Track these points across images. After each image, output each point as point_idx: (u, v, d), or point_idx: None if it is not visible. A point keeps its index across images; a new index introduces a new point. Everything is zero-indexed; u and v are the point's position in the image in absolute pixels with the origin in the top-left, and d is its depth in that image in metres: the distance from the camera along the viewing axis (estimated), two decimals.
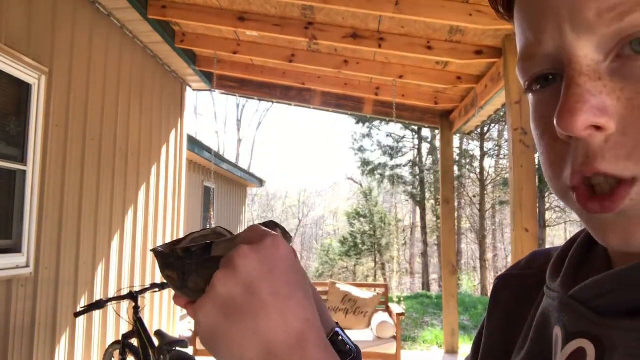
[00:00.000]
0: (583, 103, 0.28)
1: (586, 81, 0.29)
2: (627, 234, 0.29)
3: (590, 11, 0.28)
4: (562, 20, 0.29)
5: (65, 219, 3.51)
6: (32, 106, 3.17)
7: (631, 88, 0.28)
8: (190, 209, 7.68)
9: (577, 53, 0.29)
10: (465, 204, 19.83)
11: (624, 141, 0.28)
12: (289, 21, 3.89)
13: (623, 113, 0.28)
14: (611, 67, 0.29)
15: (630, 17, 0.27)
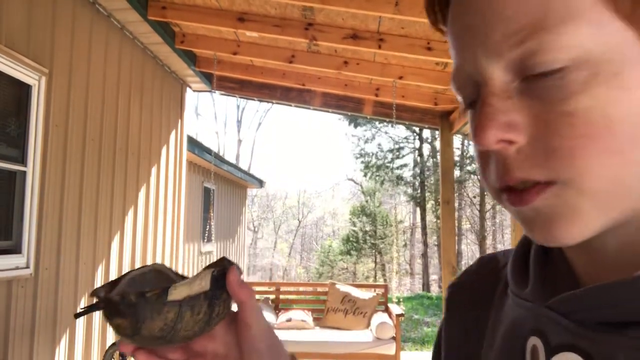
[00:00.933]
0: (492, 121, 0.32)
1: (497, 100, 0.32)
2: (546, 231, 0.33)
3: (497, 36, 0.31)
4: (476, 45, 0.33)
5: (65, 219, 3.51)
6: (32, 107, 3.17)
7: (537, 106, 0.31)
8: (190, 210, 7.68)
9: (489, 75, 0.33)
10: (465, 205, 19.84)
11: (534, 152, 0.31)
12: (289, 22, 3.89)
13: (532, 127, 0.32)
14: (520, 87, 0.32)
15: (527, 43, 0.30)
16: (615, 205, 0.32)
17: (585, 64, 0.30)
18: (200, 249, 8.56)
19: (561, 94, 0.30)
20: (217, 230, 9.42)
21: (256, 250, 27.61)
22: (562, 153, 0.31)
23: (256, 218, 29.00)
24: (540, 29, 0.30)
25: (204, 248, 8.66)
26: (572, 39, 0.30)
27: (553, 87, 0.31)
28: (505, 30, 0.31)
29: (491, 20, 0.32)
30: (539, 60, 0.30)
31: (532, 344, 0.37)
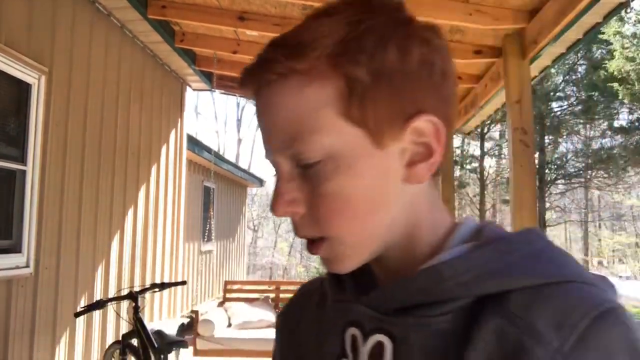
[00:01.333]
0: (280, 199, 0.47)
1: (283, 183, 0.47)
2: (331, 267, 0.49)
3: (276, 142, 0.47)
4: (267, 145, 0.48)
5: (65, 219, 3.51)
6: (31, 106, 3.17)
7: (308, 186, 0.46)
8: (190, 209, 7.68)
9: (277, 165, 0.48)
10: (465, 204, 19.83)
11: (310, 218, 0.47)
12: (289, 21, 3.88)
13: (307, 201, 0.46)
14: (300, 171, 0.46)
15: (291, 149, 0.45)
16: (367, 247, 0.48)
17: (330, 160, 0.45)
18: (200, 248, 8.55)
19: (318, 180, 0.45)
20: (217, 229, 9.41)
21: (256, 249, 27.61)
22: (324, 221, 0.46)
23: (256, 217, 28.98)
24: (299, 139, 0.45)
25: (204, 247, 8.65)
26: (320, 144, 0.44)
27: (315, 174, 0.45)
28: (278, 140, 0.46)
29: (270, 132, 0.47)
30: (302, 158, 0.45)
31: (350, 333, 0.50)
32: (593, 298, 0.40)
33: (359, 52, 0.43)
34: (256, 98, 0.48)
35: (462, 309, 0.43)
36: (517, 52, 3.36)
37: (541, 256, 0.44)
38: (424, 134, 0.46)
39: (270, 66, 0.45)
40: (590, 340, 0.38)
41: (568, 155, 18.14)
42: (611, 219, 23.85)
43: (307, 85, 0.44)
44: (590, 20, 3.19)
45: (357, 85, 0.44)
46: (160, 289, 3.57)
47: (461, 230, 0.50)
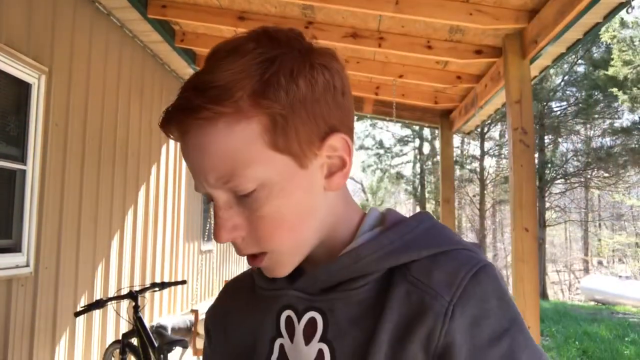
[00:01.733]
0: (222, 227, 0.52)
1: (223, 212, 0.52)
2: (271, 273, 0.56)
3: (212, 179, 0.50)
4: (201, 180, 0.51)
5: (65, 218, 3.51)
6: (31, 106, 3.17)
7: (247, 212, 0.52)
8: (190, 209, 7.68)
9: (215, 196, 0.52)
10: (465, 204, 19.83)
11: (251, 239, 0.53)
12: (289, 20, 3.88)
13: (247, 225, 0.52)
14: (237, 199, 0.52)
15: (229, 184, 0.50)
16: (302, 251, 0.56)
17: (263, 187, 0.50)
18: (200, 248, 8.55)
19: (256, 205, 0.51)
20: None
21: None
22: (264, 239, 0.52)
23: None
24: (234, 175, 0.49)
25: (204, 247, 8.65)
26: (253, 175, 0.50)
27: (251, 201, 0.51)
28: (214, 176, 0.50)
29: (204, 170, 0.50)
30: (238, 190, 0.50)
31: (285, 315, 0.57)
32: (470, 260, 0.52)
33: (277, 89, 0.49)
34: (183, 140, 0.52)
35: (376, 281, 0.54)
36: (517, 52, 3.36)
37: (430, 232, 0.56)
38: (337, 149, 0.54)
39: (196, 112, 0.49)
40: (470, 291, 0.50)
41: (568, 155, 18.14)
42: (611, 218, 23.84)
43: (234, 124, 0.49)
44: (590, 20, 3.19)
45: (278, 118, 0.49)
46: (160, 289, 3.57)
47: (368, 219, 0.60)
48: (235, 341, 0.63)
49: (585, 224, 23.09)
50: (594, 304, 13.08)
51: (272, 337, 0.58)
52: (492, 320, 0.49)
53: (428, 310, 0.50)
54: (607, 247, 22.87)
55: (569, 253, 25.52)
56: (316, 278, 0.56)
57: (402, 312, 0.51)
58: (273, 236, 0.52)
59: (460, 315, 0.49)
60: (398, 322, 0.51)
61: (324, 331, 0.54)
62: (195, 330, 4.79)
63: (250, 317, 0.62)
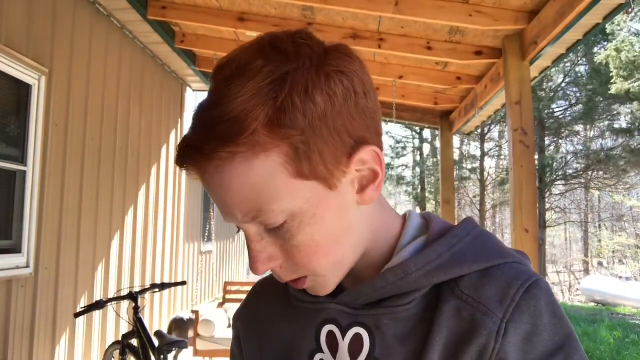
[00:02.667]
0: (257, 260, 0.50)
1: (255, 245, 0.50)
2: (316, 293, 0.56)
3: (239, 215, 0.49)
4: (229, 215, 0.50)
5: (65, 219, 3.51)
6: (32, 107, 3.17)
7: (280, 242, 0.50)
8: (190, 209, 7.68)
9: (245, 230, 0.50)
10: (465, 205, 19.83)
11: (289, 266, 0.52)
12: (289, 22, 3.88)
13: (283, 254, 0.51)
14: (267, 231, 0.50)
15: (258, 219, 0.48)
16: (343, 269, 0.54)
17: (294, 218, 0.48)
18: (200, 249, 8.55)
19: (289, 236, 0.49)
20: (217, 229, 9.41)
21: None
22: (302, 265, 0.51)
23: None
24: (260, 210, 0.47)
25: (204, 247, 8.65)
26: (280, 208, 0.47)
27: (284, 232, 0.49)
28: (241, 212, 0.48)
29: (230, 207, 0.49)
30: (268, 224, 0.49)
31: (327, 330, 0.56)
32: (522, 274, 0.51)
33: (292, 112, 0.45)
34: (202, 179, 0.49)
35: (423, 297, 0.53)
36: (517, 53, 3.36)
37: (479, 242, 0.55)
38: (366, 162, 0.51)
39: (210, 155, 0.46)
40: (524, 307, 0.49)
41: (568, 156, 18.14)
42: (611, 219, 23.84)
43: (253, 159, 0.46)
44: (590, 21, 3.19)
45: (299, 145, 0.46)
46: (160, 290, 3.57)
47: (409, 229, 0.58)
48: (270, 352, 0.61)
49: (586, 225, 23.09)
50: (594, 305, 13.07)
51: (312, 352, 0.56)
52: (545, 336, 0.48)
53: (480, 327, 0.48)
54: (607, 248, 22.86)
55: (569, 254, 25.51)
56: (360, 293, 0.54)
57: (452, 330, 0.50)
58: (311, 262, 0.51)
59: (513, 333, 0.48)
60: (448, 340, 0.50)
61: (371, 349, 0.53)
62: (196, 331, 4.78)
63: (287, 329, 0.60)
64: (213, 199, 0.50)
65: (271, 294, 0.67)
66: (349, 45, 0.60)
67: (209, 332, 4.75)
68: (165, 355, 3.16)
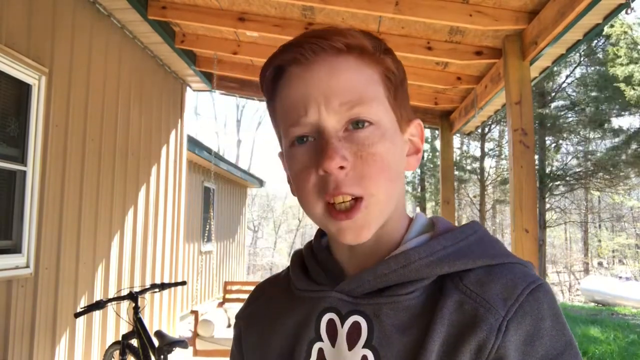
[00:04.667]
0: (336, 153, 0.51)
1: (336, 141, 0.52)
2: (357, 234, 0.53)
3: (335, 103, 0.52)
4: (320, 105, 0.52)
5: (65, 219, 3.51)
6: (32, 107, 3.17)
7: (355, 147, 0.52)
8: (190, 210, 7.68)
9: (329, 125, 0.52)
10: (465, 205, 19.82)
11: (354, 175, 0.52)
12: (289, 22, 3.88)
13: (353, 160, 0.52)
14: (345, 135, 0.52)
15: (355, 109, 0.52)
16: (386, 214, 0.55)
17: (379, 126, 0.53)
18: (200, 249, 8.55)
19: (369, 142, 0.52)
20: (217, 229, 9.41)
21: (256, 250, 27.59)
22: (369, 177, 0.52)
23: (256, 217, 28.97)
24: (361, 101, 0.52)
25: (204, 248, 8.65)
26: (376, 110, 0.53)
27: (364, 137, 0.52)
28: (341, 100, 0.52)
29: (330, 93, 0.52)
30: (361, 116, 0.52)
31: (327, 318, 0.56)
32: (527, 276, 0.52)
33: (392, 59, 0.57)
34: (308, 64, 0.53)
35: (425, 288, 0.53)
36: (517, 53, 3.36)
37: (484, 241, 0.56)
38: (414, 135, 0.60)
39: (343, 37, 0.53)
40: (527, 308, 0.49)
41: (568, 157, 18.14)
42: (611, 220, 23.84)
43: (363, 65, 0.54)
44: (590, 21, 3.19)
45: (392, 78, 0.56)
46: (160, 289, 3.57)
47: (415, 225, 0.60)
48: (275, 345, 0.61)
49: (585, 225, 23.09)
50: (594, 305, 13.07)
51: (311, 341, 0.57)
52: (546, 340, 0.49)
53: (481, 322, 0.49)
54: (607, 248, 22.86)
55: (569, 254, 25.50)
56: (362, 280, 0.54)
57: (454, 322, 0.50)
58: (379, 177, 0.52)
59: (514, 332, 0.48)
60: (449, 332, 0.50)
61: (368, 337, 0.53)
62: (195, 331, 4.78)
63: (290, 320, 0.60)
64: (304, 91, 0.53)
65: (273, 293, 0.68)
66: None
67: (209, 332, 4.75)
68: (165, 355, 3.16)
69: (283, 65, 0.56)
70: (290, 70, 0.55)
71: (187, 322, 7.34)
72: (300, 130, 0.54)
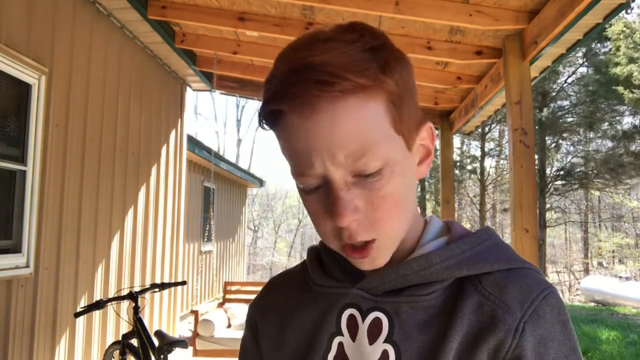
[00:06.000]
0: (347, 209, 0.50)
1: (345, 194, 0.50)
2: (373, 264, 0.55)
3: (341, 156, 0.49)
4: (325, 159, 0.49)
5: (65, 219, 3.51)
6: (32, 106, 3.17)
7: (365, 193, 0.51)
8: (190, 209, 7.68)
9: (334, 176, 0.50)
10: (465, 205, 19.82)
11: (366, 222, 0.52)
12: (289, 21, 3.88)
13: (364, 206, 0.51)
14: (354, 181, 0.51)
15: (361, 160, 0.49)
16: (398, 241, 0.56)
17: (387, 165, 0.51)
18: (200, 248, 8.55)
19: (379, 185, 0.51)
20: (217, 229, 9.41)
21: (256, 249, 27.59)
22: (382, 220, 0.52)
23: (256, 217, 28.97)
24: (367, 151, 0.49)
25: (204, 247, 8.66)
26: (383, 152, 0.50)
27: (374, 181, 0.51)
28: (345, 153, 0.49)
29: (333, 147, 0.49)
30: (368, 168, 0.50)
31: (348, 313, 0.58)
32: (541, 282, 0.55)
33: (393, 71, 0.51)
34: (306, 115, 0.49)
35: (445, 289, 0.55)
36: (517, 53, 3.36)
37: (499, 247, 0.58)
38: (425, 138, 0.58)
39: (334, 84, 0.47)
40: (541, 312, 0.52)
41: (568, 156, 18.14)
42: (611, 220, 23.84)
43: (366, 101, 0.49)
44: (590, 21, 3.19)
45: (396, 99, 0.51)
46: (160, 289, 3.57)
47: (431, 228, 0.61)
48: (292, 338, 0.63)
49: (585, 225, 23.09)
50: (594, 305, 13.07)
51: (331, 335, 0.58)
52: (556, 343, 0.52)
53: (500, 323, 0.51)
54: (607, 248, 22.87)
55: (569, 254, 25.51)
56: (383, 279, 0.56)
57: (473, 323, 0.52)
58: (391, 218, 0.52)
59: (530, 333, 0.51)
60: (468, 332, 0.52)
61: (389, 332, 0.55)
62: (196, 331, 4.78)
63: (309, 314, 0.62)
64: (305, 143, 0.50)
65: (288, 285, 0.68)
66: None
67: (209, 332, 4.75)
68: (165, 355, 3.16)
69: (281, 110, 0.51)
70: (289, 117, 0.50)
71: (187, 322, 7.34)
72: (308, 181, 0.52)
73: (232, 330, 5.02)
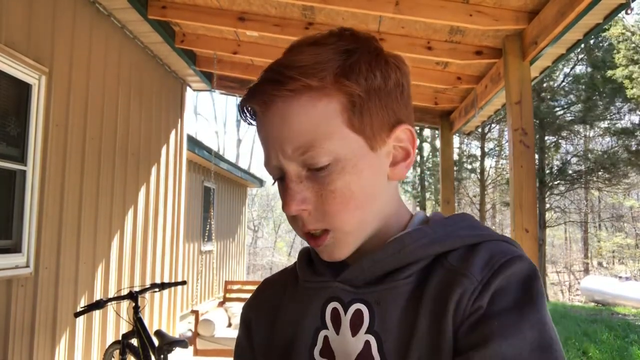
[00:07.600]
0: (293, 199, 0.55)
1: (294, 185, 0.55)
2: (330, 255, 0.58)
3: (289, 150, 0.54)
4: (277, 151, 0.55)
5: (65, 219, 3.51)
6: (32, 106, 3.17)
7: (317, 186, 0.55)
8: (190, 209, 7.68)
9: (287, 169, 0.55)
10: (465, 204, 19.81)
11: (317, 214, 0.55)
12: (289, 21, 3.88)
13: (315, 200, 0.55)
14: (307, 174, 0.55)
15: (307, 154, 0.53)
16: (361, 234, 0.58)
17: (337, 162, 0.54)
18: (200, 248, 8.55)
19: (328, 180, 0.54)
20: (217, 229, 9.41)
21: (256, 249, 27.59)
22: (332, 214, 0.55)
23: (256, 217, 28.96)
24: (312, 146, 0.53)
25: (204, 247, 8.65)
26: (330, 149, 0.53)
27: (324, 176, 0.54)
28: (292, 147, 0.53)
29: (282, 141, 0.54)
30: (314, 162, 0.53)
31: (331, 307, 0.59)
32: (508, 250, 0.55)
33: (357, 74, 0.54)
34: (263, 113, 0.56)
35: (420, 271, 0.56)
36: (517, 53, 3.36)
37: (473, 226, 0.60)
38: (402, 140, 0.59)
39: (284, 84, 0.53)
40: (499, 272, 0.52)
41: (568, 156, 18.13)
42: (611, 220, 23.84)
43: (316, 100, 0.53)
44: (590, 21, 3.19)
45: (356, 100, 0.54)
46: (160, 289, 3.57)
47: (415, 220, 0.63)
48: (279, 333, 0.64)
49: (585, 225, 23.09)
50: (594, 305, 13.07)
51: (317, 329, 0.60)
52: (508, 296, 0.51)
53: (456, 286, 0.52)
54: (607, 248, 22.87)
55: (569, 254, 25.50)
56: (361, 268, 0.58)
57: (436, 296, 0.53)
58: (340, 212, 0.55)
59: (487, 290, 0.51)
60: (434, 306, 0.53)
61: (370, 323, 0.56)
62: (196, 330, 4.79)
63: (295, 309, 0.64)
64: (264, 136, 0.56)
65: (281, 283, 0.70)
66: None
67: (209, 332, 4.75)
68: (165, 354, 3.16)
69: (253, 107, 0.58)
70: (257, 114, 0.58)
71: (187, 321, 7.34)
72: (271, 172, 0.58)
73: (233, 330, 5.02)
